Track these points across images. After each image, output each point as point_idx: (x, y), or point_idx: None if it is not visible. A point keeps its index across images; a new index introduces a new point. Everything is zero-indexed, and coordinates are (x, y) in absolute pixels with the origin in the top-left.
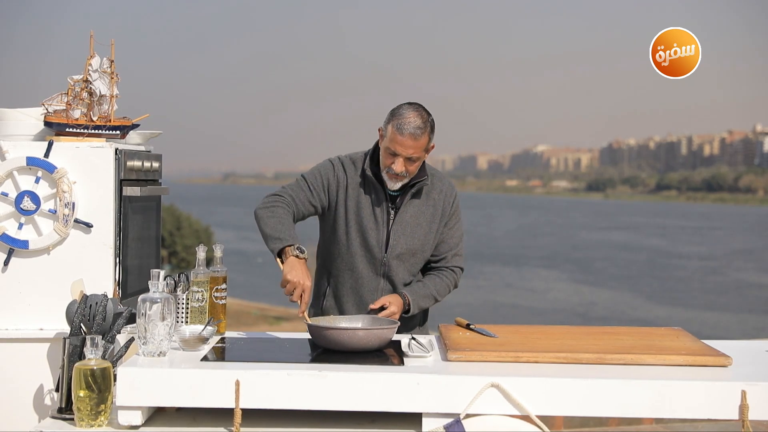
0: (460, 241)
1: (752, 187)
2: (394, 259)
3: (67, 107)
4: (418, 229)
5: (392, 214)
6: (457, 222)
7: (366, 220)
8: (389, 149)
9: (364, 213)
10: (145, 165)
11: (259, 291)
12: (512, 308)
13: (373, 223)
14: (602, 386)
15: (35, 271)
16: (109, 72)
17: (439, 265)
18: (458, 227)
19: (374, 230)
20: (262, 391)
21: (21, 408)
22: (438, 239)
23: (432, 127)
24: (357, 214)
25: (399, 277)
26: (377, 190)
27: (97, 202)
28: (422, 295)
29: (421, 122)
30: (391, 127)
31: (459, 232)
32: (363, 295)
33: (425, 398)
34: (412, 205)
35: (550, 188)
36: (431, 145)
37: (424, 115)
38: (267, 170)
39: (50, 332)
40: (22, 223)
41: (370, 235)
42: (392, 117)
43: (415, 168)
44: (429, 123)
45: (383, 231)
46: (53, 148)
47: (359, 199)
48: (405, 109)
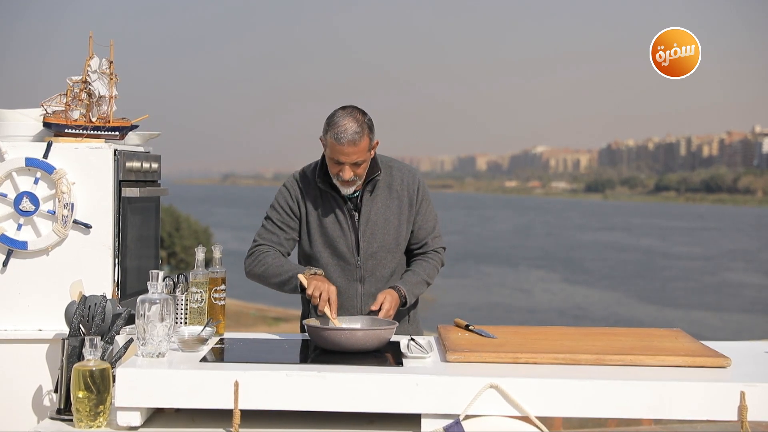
0: (436, 222)
1: (751, 188)
2: (369, 259)
3: (66, 108)
4: (388, 225)
5: (356, 217)
6: (428, 206)
7: (330, 229)
8: (333, 159)
9: (326, 223)
10: (144, 166)
11: (258, 292)
12: (504, 308)
13: (339, 230)
14: (601, 387)
15: (34, 271)
16: (108, 73)
17: (422, 250)
18: (430, 210)
19: (342, 237)
20: (261, 391)
21: (20, 409)
22: (414, 227)
23: (370, 127)
24: (320, 226)
25: (379, 275)
26: (334, 196)
27: (96, 203)
28: (414, 283)
29: (357, 126)
30: (329, 137)
31: (432, 215)
32: (342, 304)
33: (424, 399)
34: (375, 202)
35: (549, 189)
36: (375, 142)
37: (359, 117)
38: (266, 171)
39: (49, 333)
40: (21, 224)
41: (339, 243)
42: (328, 127)
43: (362, 170)
44: (365, 124)
45: (351, 236)
46: (52, 148)
47: (319, 211)
48: (339, 116)
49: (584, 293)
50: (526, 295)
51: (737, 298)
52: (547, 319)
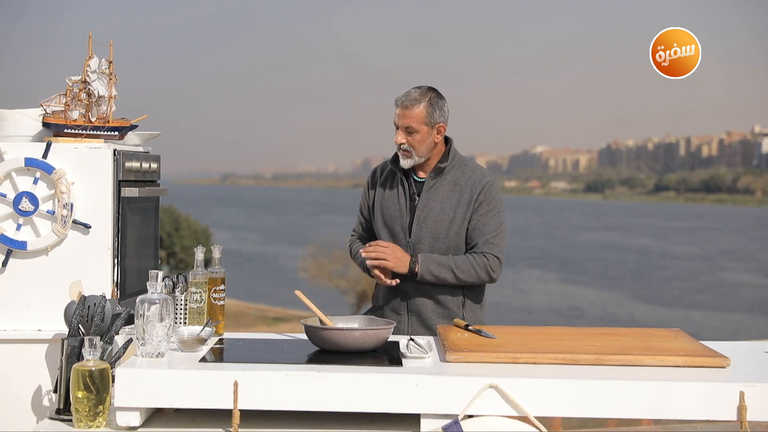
0: (495, 230)
1: (750, 188)
2: (418, 243)
3: (65, 108)
4: (442, 214)
5: (417, 201)
6: (491, 210)
7: (390, 210)
8: (395, 125)
9: (388, 204)
10: (144, 166)
11: (258, 292)
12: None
13: (397, 210)
14: (600, 387)
15: (33, 272)
16: (107, 73)
17: (472, 251)
18: (492, 216)
19: (398, 217)
20: (261, 392)
21: (19, 409)
22: (471, 226)
23: (432, 104)
24: (382, 207)
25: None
26: (402, 181)
27: (95, 203)
28: (437, 262)
29: (418, 94)
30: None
31: (494, 221)
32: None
33: (424, 399)
34: (437, 190)
35: (549, 189)
36: (438, 124)
37: (425, 90)
38: (266, 171)
39: (48, 333)
40: (20, 224)
41: (395, 223)
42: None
43: (417, 142)
44: (428, 97)
45: (407, 217)
46: (51, 149)
47: (385, 194)
48: (412, 88)
49: (582, 293)
50: (524, 295)
51: (736, 298)
52: (545, 319)
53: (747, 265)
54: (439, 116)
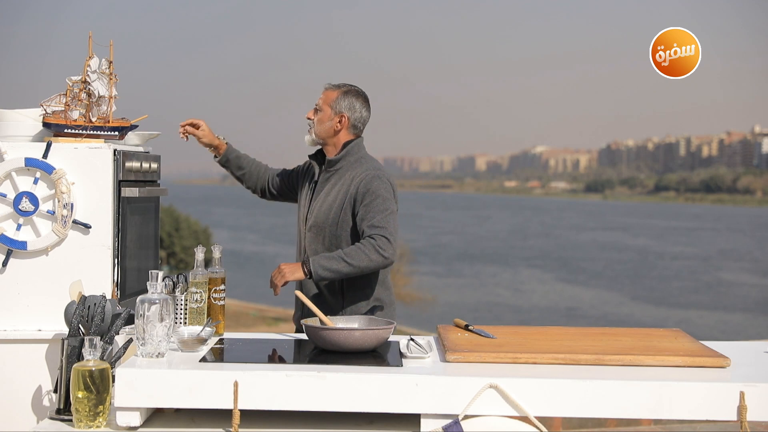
0: (380, 214)
1: (750, 188)
2: (308, 231)
3: (65, 108)
4: (324, 205)
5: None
6: (374, 200)
7: (301, 199)
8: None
9: (301, 194)
10: (144, 166)
11: (258, 292)
12: (501, 308)
13: (304, 200)
14: (601, 387)
15: (34, 272)
16: (107, 73)
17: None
18: (376, 204)
19: (304, 207)
20: (261, 392)
21: (19, 409)
22: (358, 219)
23: (346, 95)
24: (299, 196)
25: (311, 250)
26: (314, 172)
27: (95, 203)
28: (325, 256)
29: (340, 84)
30: None
31: (378, 208)
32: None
33: (424, 399)
34: (329, 182)
35: (549, 189)
36: (342, 113)
37: (351, 87)
38: None
39: (49, 333)
40: (20, 224)
41: (301, 211)
42: None
43: (318, 120)
44: (345, 90)
45: (307, 206)
46: (52, 149)
47: (303, 184)
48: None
49: (581, 293)
50: (522, 294)
51: (736, 298)
52: (544, 319)
53: (746, 265)
54: (345, 107)
